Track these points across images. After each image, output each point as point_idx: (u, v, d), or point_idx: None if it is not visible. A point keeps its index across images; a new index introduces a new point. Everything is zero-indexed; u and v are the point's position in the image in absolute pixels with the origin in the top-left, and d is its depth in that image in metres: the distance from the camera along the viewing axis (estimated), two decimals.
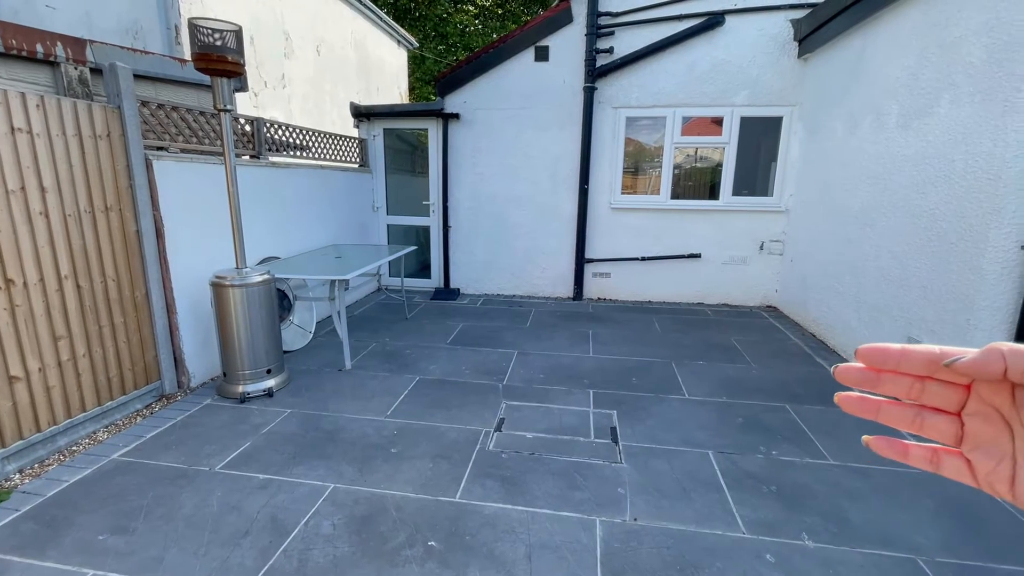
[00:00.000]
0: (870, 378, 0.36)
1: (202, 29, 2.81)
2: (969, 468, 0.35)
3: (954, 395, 0.35)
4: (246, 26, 6.45)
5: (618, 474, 2.58)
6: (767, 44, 5.25)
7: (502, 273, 6.33)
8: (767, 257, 5.75)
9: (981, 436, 0.34)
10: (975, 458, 0.35)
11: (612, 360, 4.15)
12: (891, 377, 0.35)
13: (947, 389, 0.35)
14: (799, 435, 2.97)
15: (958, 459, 0.36)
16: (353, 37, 9.55)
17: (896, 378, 0.35)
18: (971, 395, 0.35)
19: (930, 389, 0.35)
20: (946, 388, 0.35)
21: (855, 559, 2.03)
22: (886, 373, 0.35)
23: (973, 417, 0.35)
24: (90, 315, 2.91)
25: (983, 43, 2.85)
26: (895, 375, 0.35)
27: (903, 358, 0.35)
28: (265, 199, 4.28)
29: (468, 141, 6.03)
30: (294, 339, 4.36)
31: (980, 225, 2.82)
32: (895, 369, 0.35)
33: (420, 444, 2.85)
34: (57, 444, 2.75)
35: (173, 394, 3.46)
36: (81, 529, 2.15)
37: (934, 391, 0.35)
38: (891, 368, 0.35)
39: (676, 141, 5.66)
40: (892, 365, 0.35)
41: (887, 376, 0.36)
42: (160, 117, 3.37)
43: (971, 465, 0.35)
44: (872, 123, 3.95)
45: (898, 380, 0.35)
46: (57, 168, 2.69)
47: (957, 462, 0.36)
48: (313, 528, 2.17)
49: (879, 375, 0.36)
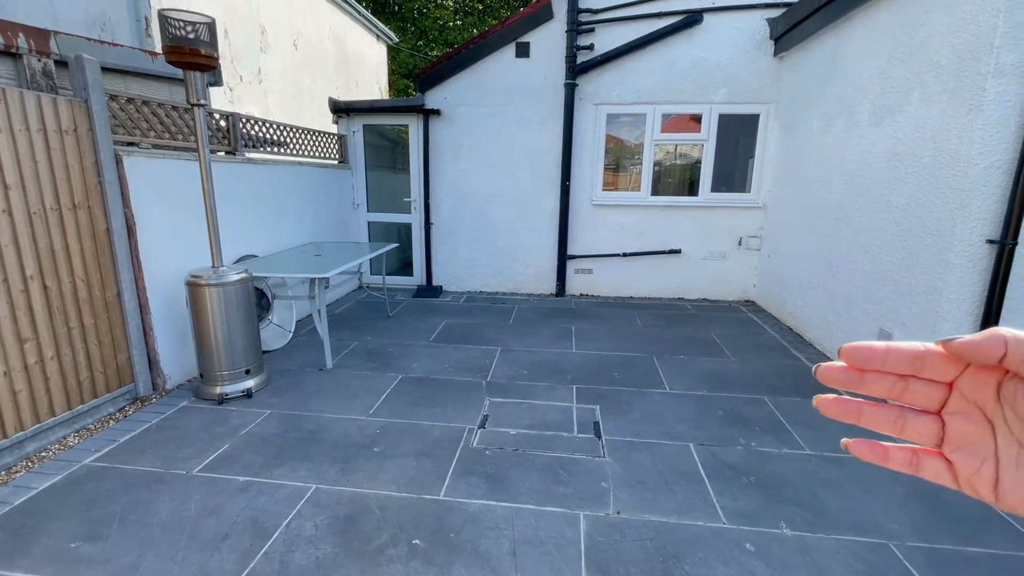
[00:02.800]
0: (853, 378, 0.35)
1: (173, 21, 2.73)
2: (950, 470, 0.34)
3: (936, 393, 0.34)
4: (220, 18, 6.29)
5: (601, 468, 2.61)
6: (744, 42, 5.33)
7: (485, 270, 6.32)
8: (745, 252, 5.85)
9: (963, 436, 0.34)
10: (957, 459, 0.34)
11: (595, 355, 4.18)
12: (874, 376, 0.34)
13: (929, 387, 0.34)
14: (777, 426, 3.04)
15: (939, 460, 0.35)
16: (332, 31, 9.40)
17: (879, 377, 0.34)
18: (953, 392, 0.34)
19: (912, 387, 0.34)
20: (928, 386, 0.34)
21: (831, 545, 2.09)
22: (870, 373, 0.34)
23: (955, 416, 0.34)
24: (58, 316, 2.81)
25: (949, 43, 2.94)
26: (878, 374, 0.34)
27: (888, 356, 0.34)
28: (242, 196, 4.19)
29: (449, 137, 5.99)
30: (273, 338, 4.29)
31: (948, 220, 2.92)
32: (879, 368, 0.34)
33: (403, 442, 2.83)
34: (25, 450, 2.66)
35: (148, 396, 3.37)
36: (52, 537, 2.08)
37: (916, 389, 0.34)
38: (876, 367, 0.34)
39: (656, 138, 5.71)
40: (877, 364, 0.34)
41: (871, 376, 0.34)
42: (130, 112, 3.27)
43: (952, 467, 0.34)
44: (846, 121, 4.05)
45: (881, 379, 0.34)
46: (21, 164, 2.58)
47: (938, 464, 0.35)
48: (295, 530, 2.14)
49: (862, 375, 0.35)
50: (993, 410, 0.32)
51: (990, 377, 0.32)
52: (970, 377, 0.33)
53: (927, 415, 0.35)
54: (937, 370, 0.33)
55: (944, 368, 0.33)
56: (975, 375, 0.33)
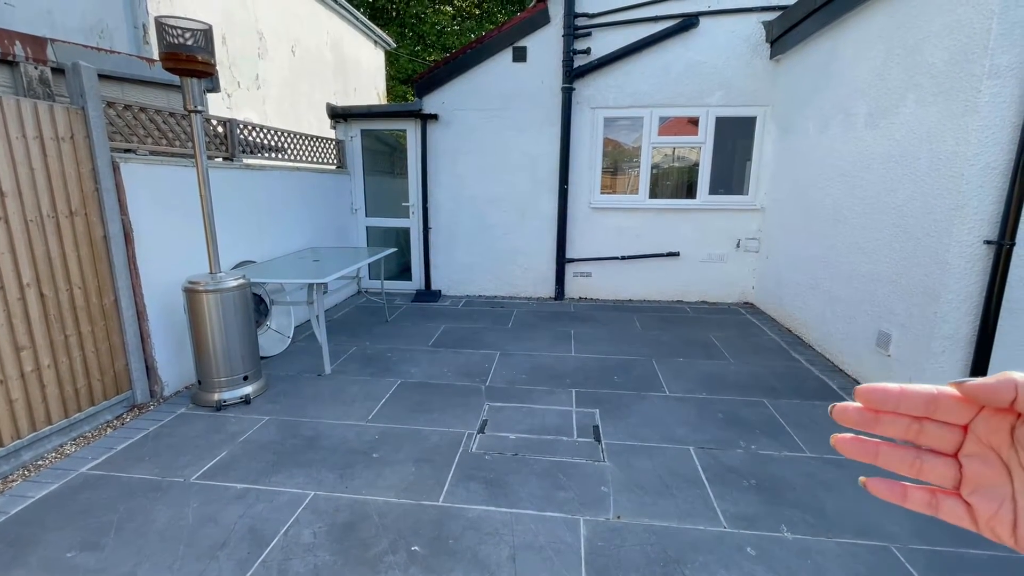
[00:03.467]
0: (868, 418, 0.35)
1: (169, 28, 2.73)
2: (969, 512, 0.34)
3: (951, 436, 0.34)
4: (218, 25, 6.31)
5: (601, 472, 2.60)
6: (740, 45, 5.35)
7: (483, 274, 6.31)
8: (744, 254, 5.85)
9: (980, 478, 0.34)
10: (975, 501, 0.34)
11: (594, 359, 4.17)
12: (890, 418, 0.35)
13: (944, 430, 0.34)
14: (777, 429, 3.03)
15: (958, 502, 0.35)
16: (329, 37, 9.43)
17: (895, 419, 0.35)
18: (968, 435, 0.34)
19: (927, 430, 0.35)
20: (943, 428, 0.34)
21: (832, 549, 2.08)
22: (885, 414, 0.35)
23: (971, 459, 0.34)
24: (55, 324, 2.80)
25: (944, 45, 2.95)
26: (893, 416, 0.35)
27: (902, 398, 0.34)
28: (240, 202, 4.19)
29: (447, 142, 6.00)
30: (272, 344, 4.27)
31: (945, 221, 2.92)
32: (894, 410, 0.34)
33: (402, 448, 2.82)
34: (22, 459, 2.65)
35: (145, 404, 3.35)
36: (48, 547, 2.07)
37: (931, 432, 0.35)
38: (890, 409, 0.35)
39: (653, 141, 5.73)
40: (892, 406, 0.34)
41: (886, 417, 0.35)
42: (127, 118, 3.27)
43: (971, 509, 0.34)
44: (842, 122, 4.06)
45: (896, 420, 0.35)
46: (17, 171, 2.58)
47: (957, 506, 0.35)
48: (293, 537, 2.13)
49: (877, 415, 0.35)
50: (1008, 453, 0.32)
51: (1004, 420, 0.32)
52: (984, 420, 0.33)
53: (944, 457, 0.35)
54: (951, 412, 0.34)
55: (958, 411, 0.33)
56: (989, 418, 0.33)
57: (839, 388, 3.60)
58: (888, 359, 3.37)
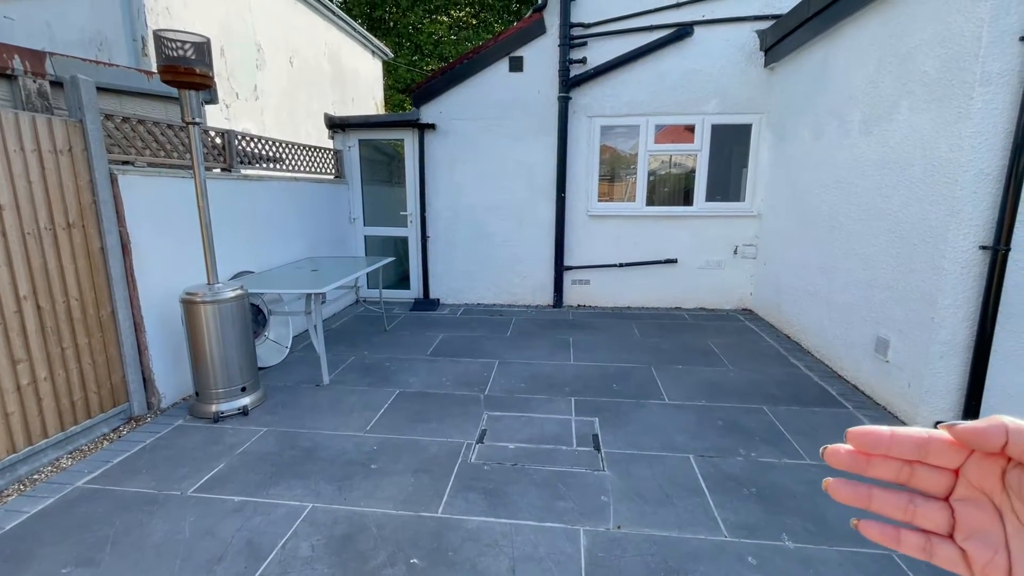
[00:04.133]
0: (860, 461, 0.36)
1: (167, 42, 2.75)
2: (964, 558, 0.34)
3: (942, 480, 0.34)
4: (216, 36, 6.35)
5: (601, 482, 2.58)
6: (735, 54, 5.40)
7: (482, 282, 6.32)
8: (741, 261, 5.87)
9: (973, 524, 0.33)
10: (969, 548, 0.33)
11: (593, 367, 4.16)
12: (880, 461, 0.35)
13: (936, 473, 0.34)
14: (777, 436, 3.02)
15: (952, 547, 0.34)
16: (327, 48, 9.49)
17: (885, 461, 0.35)
18: (959, 479, 0.34)
19: (919, 473, 0.35)
20: (934, 472, 0.34)
21: (834, 557, 2.07)
22: (876, 457, 0.35)
23: (963, 503, 0.34)
24: (51, 337, 2.80)
25: (936, 53, 2.98)
26: (884, 459, 0.35)
27: (893, 443, 0.34)
28: (238, 212, 4.19)
29: (445, 151, 6.03)
30: (270, 355, 4.26)
31: (940, 227, 2.93)
32: (885, 453, 0.35)
33: (401, 459, 2.80)
34: (17, 473, 2.62)
35: (142, 416, 3.34)
36: (43, 562, 2.05)
37: (923, 475, 0.35)
38: (881, 452, 0.35)
39: (650, 149, 5.76)
40: (883, 449, 0.35)
41: (877, 460, 0.35)
42: (125, 131, 3.28)
43: (966, 555, 0.34)
44: (836, 129, 4.09)
45: (888, 464, 0.35)
46: (15, 184, 2.58)
47: (951, 551, 0.34)
48: (291, 551, 2.11)
49: (869, 459, 0.35)
50: (1000, 498, 0.32)
51: (995, 464, 0.32)
52: (975, 464, 0.33)
53: (937, 502, 0.35)
54: (942, 456, 0.34)
55: (949, 454, 0.33)
56: (980, 462, 0.33)
57: (838, 394, 3.60)
58: (887, 365, 3.37)
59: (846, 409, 3.38)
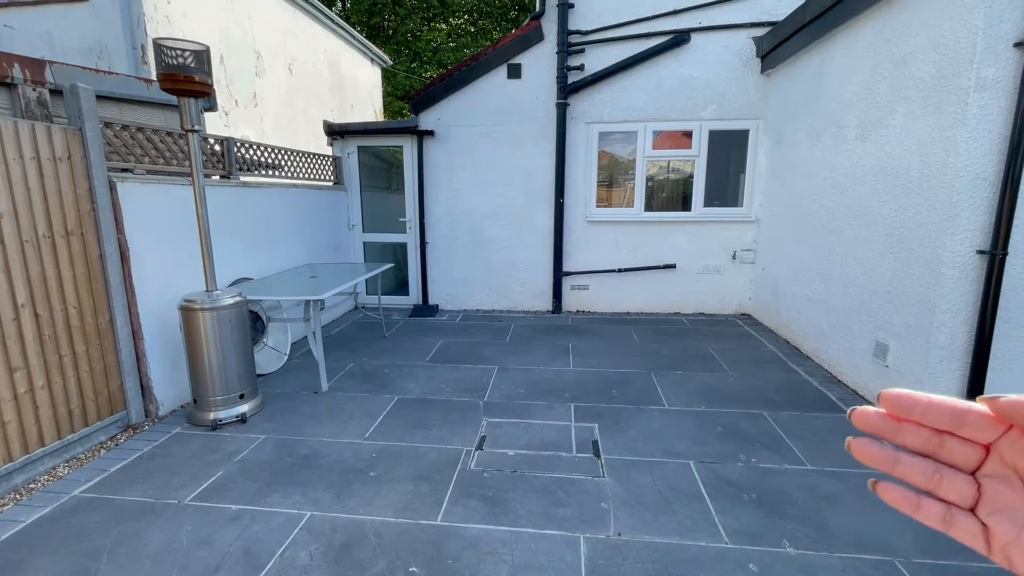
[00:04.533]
0: (890, 426, 0.34)
1: (167, 50, 2.76)
2: (984, 533, 0.33)
3: (972, 453, 0.33)
4: (216, 44, 6.39)
5: (601, 488, 2.57)
6: (731, 60, 5.43)
7: (481, 288, 6.31)
8: (740, 266, 5.88)
9: (1001, 500, 0.32)
10: (993, 523, 0.32)
11: (592, 372, 4.16)
12: (911, 428, 0.34)
13: (966, 447, 0.33)
14: (777, 441, 3.01)
15: (974, 521, 0.33)
16: (326, 55, 9.54)
17: (916, 429, 0.34)
18: (991, 455, 0.33)
19: (948, 444, 0.33)
20: (965, 446, 0.33)
21: (835, 564, 2.06)
22: (907, 423, 0.34)
23: (992, 480, 0.33)
24: (49, 345, 2.79)
25: (931, 60, 3.00)
26: (916, 426, 0.33)
27: (929, 409, 0.33)
28: (237, 219, 4.20)
29: (443, 157, 6.05)
30: (268, 362, 4.25)
31: (937, 231, 2.94)
32: (919, 419, 0.33)
33: (400, 466, 2.79)
34: (13, 482, 2.61)
35: (140, 424, 3.32)
36: (39, 573, 2.03)
37: (952, 447, 0.33)
38: (915, 418, 0.33)
39: (648, 154, 5.78)
40: (917, 415, 0.33)
41: (907, 426, 0.34)
42: (125, 138, 3.28)
43: (987, 530, 0.33)
44: (833, 135, 4.11)
45: (918, 431, 0.34)
46: (14, 192, 2.58)
47: (972, 524, 0.33)
48: (289, 559, 2.09)
49: (899, 424, 0.34)
50: None
51: None
52: (1011, 441, 0.32)
53: (964, 475, 0.34)
54: (977, 430, 0.32)
55: (984, 428, 0.32)
56: (1015, 440, 0.32)
57: (838, 399, 3.59)
58: (886, 369, 3.37)
59: (846, 414, 3.36)
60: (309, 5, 8.59)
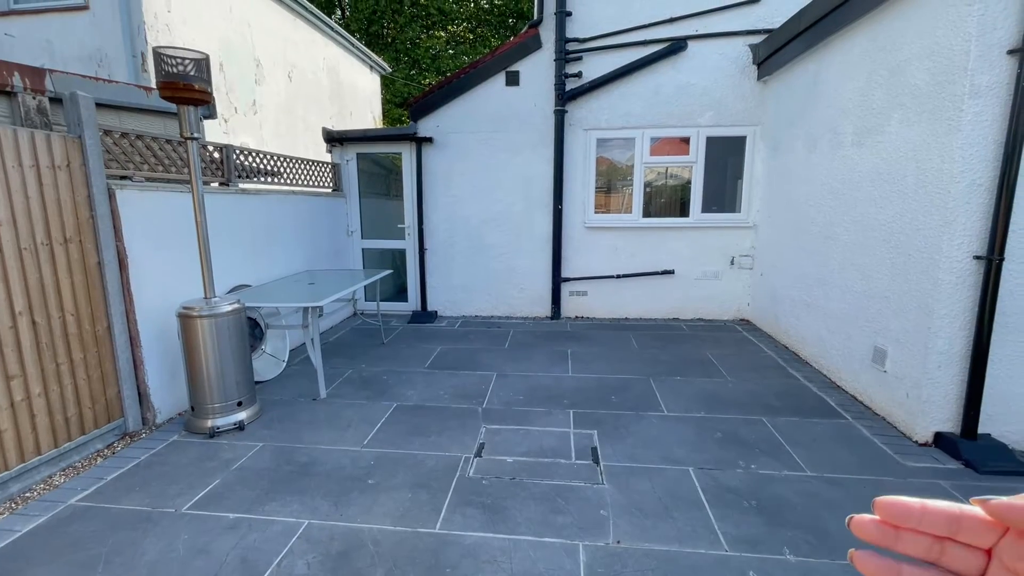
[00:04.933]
0: (888, 534, 0.34)
1: (167, 58, 2.77)
2: None
3: (975, 559, 0.32)
4: (215, 52, 6.42)
5: (600, 495, 2.56)
6: (728, 67, 5.47)
7: (479, 294, 6.32)
8: (738, 271, 5.89)
9: None
10: None
11: (591, 379, 4.15)
12: (910, 535, 0.33)
13: (967, 552, 0.33)
14: (776, 448, 3.01)
15: None
16: (326, 63, 9.59)
17: (916, 536, 0.33)
18: (992, 560, 0.32)
19: (950, 551, 0.33)
20: (966, 551, 0.33)
21: (835, 571, 2.05)
22: (905, 531, 0.33)
23: None
24: (47, 352, 2.78)
25: (926, 67, 3.03)
26: (915, 533, 0.33)
27: (924, 516, 0.33)
28: (235, 226, 4.20)
29: (442, 164, 6.07)
30: (267, 369, 4.24)
31: (934, 237, 2.95)
32: (915, 527, 0.33)
33: (398, 474, 2.78)
34: (9, 491, 2.59)
35: (137, 431, 3.30)
36: None
37: (954, 553, 0.33)
38: (911, 526, 0.33)
39: (646, 161, 5.81)
40: (913, 523, 0.33)
41: (906, 534, 0.33)
42: (124, 146, 3.29)
43: None
44: (829, 141, 4.13)
45: (918, 539, 0.33)
46: (12, 200, 2.59)
47: None
48: (286, 568, 2.08)
49: (898, 532, 0.34)
50: None
51: None
52: (1010, 545, 0.31)
53: None
54: (975, 534, 0.32)
55: (982, 532, 0.32)
56: (1015, 543, 0.31)
57: (838, 405, 3.59)
58: (885, 375, 3.36)
59: (845, 420, 3.37)
60: (309, 13, 8.65)
